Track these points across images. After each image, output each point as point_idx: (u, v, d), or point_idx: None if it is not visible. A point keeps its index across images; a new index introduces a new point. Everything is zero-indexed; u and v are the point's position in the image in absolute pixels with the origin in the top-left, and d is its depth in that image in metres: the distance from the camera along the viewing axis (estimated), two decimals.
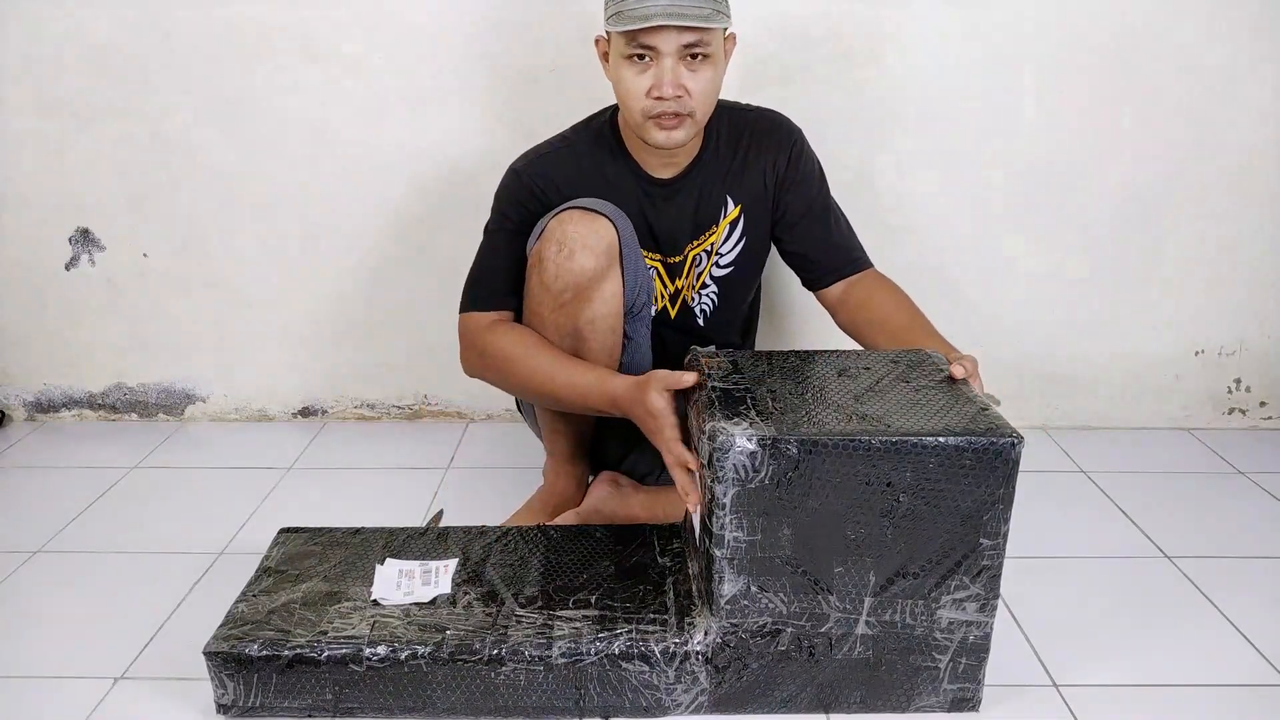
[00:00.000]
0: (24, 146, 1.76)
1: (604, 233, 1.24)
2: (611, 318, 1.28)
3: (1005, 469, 0.97)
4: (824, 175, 1.43)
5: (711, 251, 1.41)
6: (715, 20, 1.20)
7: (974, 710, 1.09)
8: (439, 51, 1.69)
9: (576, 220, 1.23)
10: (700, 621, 1.06)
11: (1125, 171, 1.74)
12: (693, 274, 1.42)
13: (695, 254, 1.40)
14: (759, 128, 1.40)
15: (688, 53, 1.21)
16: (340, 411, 1.95)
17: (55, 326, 1.89)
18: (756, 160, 1.38)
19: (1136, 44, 1.66)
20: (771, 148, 1.38)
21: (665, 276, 1.42)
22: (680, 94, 1.23)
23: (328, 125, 1.74)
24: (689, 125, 1.27)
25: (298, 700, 1.06)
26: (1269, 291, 1.81)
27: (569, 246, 1.22)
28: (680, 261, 1.41)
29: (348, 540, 1.26)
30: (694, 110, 1.25)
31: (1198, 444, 1.83)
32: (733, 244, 1.41)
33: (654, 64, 1.22)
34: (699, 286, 1.43)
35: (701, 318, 1.45)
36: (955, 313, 1.82)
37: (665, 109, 1.23)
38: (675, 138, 1.27)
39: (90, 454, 1.80)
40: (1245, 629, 1.25)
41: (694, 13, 1.18)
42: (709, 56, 1.23)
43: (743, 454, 0.96)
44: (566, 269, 1.22)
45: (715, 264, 1.42)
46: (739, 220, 1.40)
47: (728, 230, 1.40)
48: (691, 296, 1.43)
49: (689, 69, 1.23)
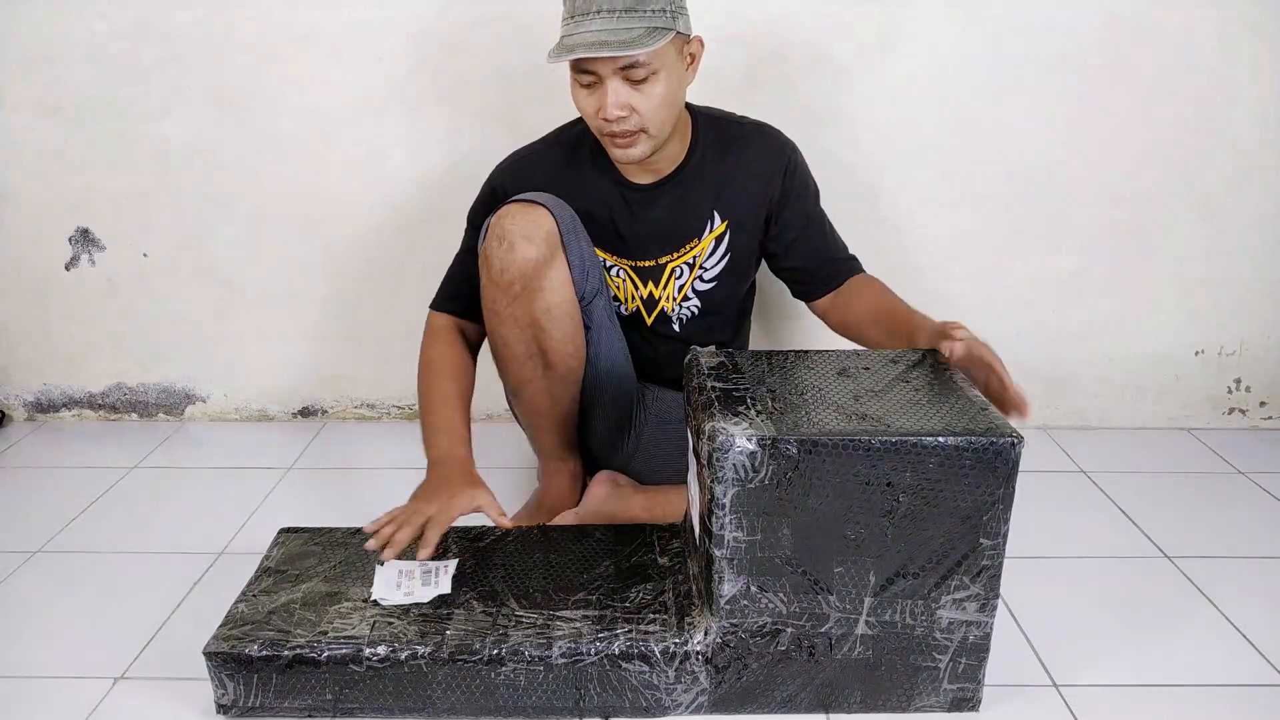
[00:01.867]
0: (24, 146, 1.76)
1: (541, 221, 1.26)
2: (566, 304, 1.30)
3: (1005, 469, 0.97)
4: (817, 189, 1.42)
5: (694, 265, 1.40)
6: (648, 42, 1.17)
7: (974, 710, 1.09)
8: (439, 52, 1.69)
9: (514, 213, 1.26)
10: (700, 621, 1.06)
11: (1125, 171, 1.74)
12: (672, 285, 1.41)
13: (675, 265, 1.39)
14: (751, 142, 1.37)
15: (628, 75, 1.20)
16: (340, 411, 1.95)
17: (55, 326, 1.89)
18: (746, 177, 1.36)
19: (1136, 45, 1.66)
20: (764, 166, 1.36)
21: (635, 279, 1.41)
22: (625, 114, 1.22)
23: (328, 125, 1.74)
24: (644, 140, 1.26)
25: (298, 700, 1.06)
26: (1269, 291, 1.82)
27: (508, 239, 1.24)
28: (654, 268, 1.40)
29: (348, 540, 1.26)
30: (646, 126, 1.24)
31: (1198, 444, 1.83)
32: (717, 259, 1.40)
33: (599, 85, 1.22)
34: (680, 299, 1.42)
35: (679, 324, 1.45)
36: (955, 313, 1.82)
37: (613, 129, 1.24)
38: (631, 154, 1.27)
39: (90, 454, 1.80)
40: (1245, 629, 1.25)
41: (621, 40, 1.16)
42: (655, 72, 1.21)
43: (743, 454, 0.96)
44: (510, 260, 1.24)
45: (699, 278, 1.40)
46: (725, 236, 1.38)
47: (713, 245, 1.39)
48: (671, 307, 1.43)
49: (634, 88, 1.21)
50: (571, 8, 1.19)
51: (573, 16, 1.19)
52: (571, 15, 1.19)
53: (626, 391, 1.44)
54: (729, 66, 1.67)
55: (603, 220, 1.37)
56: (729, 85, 1.66)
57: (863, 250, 1.46)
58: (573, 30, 1.18)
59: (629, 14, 1.17)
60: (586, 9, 1.17)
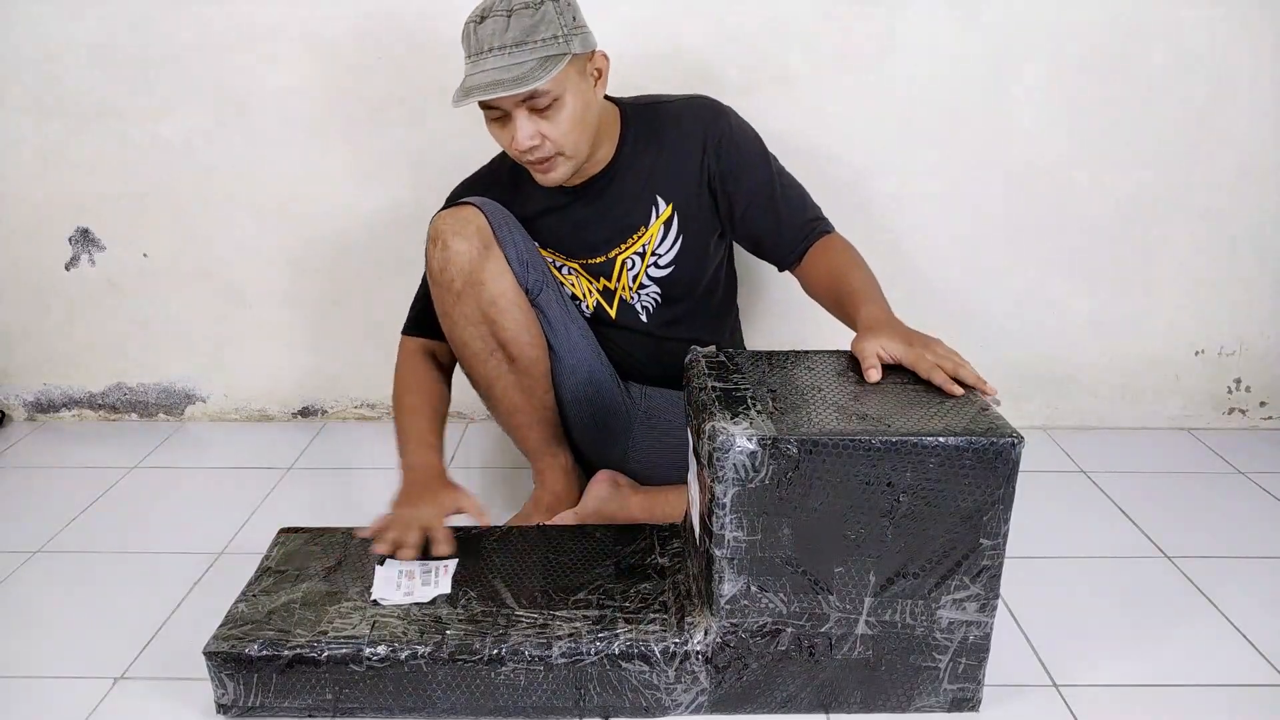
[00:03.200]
0: (24, 146, 1.76)
1: (470, 217, 1.31)
2: (510, 293, 1.32)
3: (1005, 469, 0.97)
4: (764, 150, 1.37)
5: (645, 254, 1.39)
6: (540, 75, 1.18)
7: (974, 710, 1.09)
8: (439, 52, 1.69)
9: (444, 215, 1.32)
10: (700, 621, 1.06)
11: (1125, 171, 1.74)
12: (625, 275, 1.41)
13: (625, 258, 1.40)
14: (680, 120, 1.36)
15: (532, 105, 1.21)
16: (340, 411, 1.95)
17: (55, 326, 1.89)
18: (682, 155, 1.35)
19: (1136, 44, 1.66)
20: (693, 141, 1.35)
21: (588, 276, 1.42)
22: (537, 142, 1.23)
23: (328, 125, 1.74)
24: (562, 162, 1.28)
25: (298, 700, 1.06)
26: (1269, 291, 1.82)
27: (441, 238, 1.29)
28: (604, 263, 1.41)
29: (348, 540, 1.26)
30: (561, 149, 1.25)
31: (1198, 444, 1.83)
32: (669, 244, 1.39)
33: (507, 119, 1.24)
34: (636, 287, 1.42)
35: (645, 314, 1.44)
36: (955, 313, 1.83)
37: (529, 158, 1.26)
38: (553, 178, 1.29)
39: (90, 454, 1.80)
40: (1245, 629, 1.25)
41: (514, 76, 1.18)
42: (558, 98, 1.21)
43: (743, 454, 0.96)
44: (445, 258, 1.29)
45: (654, 264, 1.40)
46: (672, 219, 1.38)
47: (662, 231, 1.38)
48: (630, 296, 1.43)
49: (540, 116, 1.23)
50: (468, 48, 1.22)
51: (469, 58, 1.22)
52: (469, 56, 1.22)
53: (602, 385, 1.44)
54: (729, 66, 1.67)
55: (546, 224, 1.40)
56: (729, 85, 1.66)
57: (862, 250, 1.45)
58: (471, 71, 1.21)
59: (519, 48, 1.18)
60: (480, 48, 1.20)
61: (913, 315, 1.81)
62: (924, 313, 1.82)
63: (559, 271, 1.43)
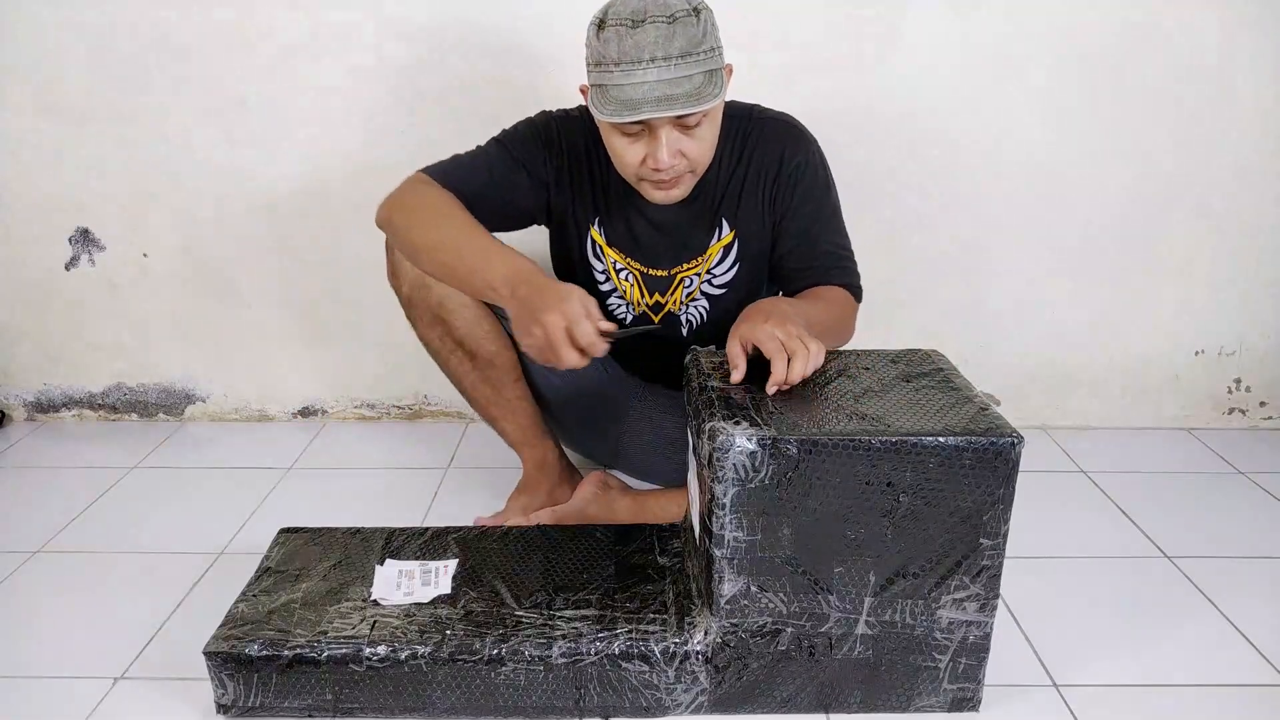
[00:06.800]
0: (24, 146, 1.76)
1: None
2: (457, 293, 1.29)
3: (1005, 469, 0.97)
4: (826, 193, 1.31)
5: (702, 274, 1.35)
6: (712, 92, 1.10)
7: (974, 710, 1.09)
8: (440, 53, 1.69)
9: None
10: (700, 621, 1.06)
11: (1125, 171, 1.74)
12: (680, 292, 1.36)
13: (685, 276, 1.35)
14: (768, 139, 1.29)
15: (683, 122, 1.13)
16: (340, 411, 1.95)
17: (55, 326, 1.89)
18: (756, 177, 1.29)
19: (1136, 45, 1.66)
20: (773, 163, 1.28)
21: (643, 286, 1.36)
22: (676, 161, 1.16)
23: (328, 124, 1.74)
24: (689, 181, 1.21)
25: (298, 700, 1.06)
26: (1269, 291, 1.82)
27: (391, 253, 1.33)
28: (664, 278, 1.36)
29: (348, 540, 1.26)
30: (694, 168, 1.19)
31: (1198, 444, 1.83)
32: (726, 267, 1.34)
33: (646, 134, 1.14)
34: (687, 300, 1.37)
35: (687, 328, 1.39)
36: (956, 313, 1.83)
37: (662, 176, 1.18)
38: (674, 195, 1.22)
39: (90, 454, 1.80)
40: (1245, 629, 1.25)
41: (685, 93, 1.09)
42: (707, 114, 1.14)
43: (743, 454, 0.96)
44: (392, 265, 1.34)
45: (709, 282, 1.35)
46: (733, 245, 1.32)
47: (720, 254, 1.33)
48: (679, 308, 1.38)
49: (686, 133, 1.15)
50: (616, 53, 1.09)
51: (618, 64, 1.09)
52: (616, 63, 1.09)
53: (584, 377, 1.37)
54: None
55: (620, 217, 1.33)
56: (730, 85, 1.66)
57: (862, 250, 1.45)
58: (623, 80, 1.09)
59: (685, 60, 1.08)
60: (638, 56, 1.08)
61: (913, 315, 1.83)
62: (924, 313, 1.83)
63: (618, 275, 1.35)
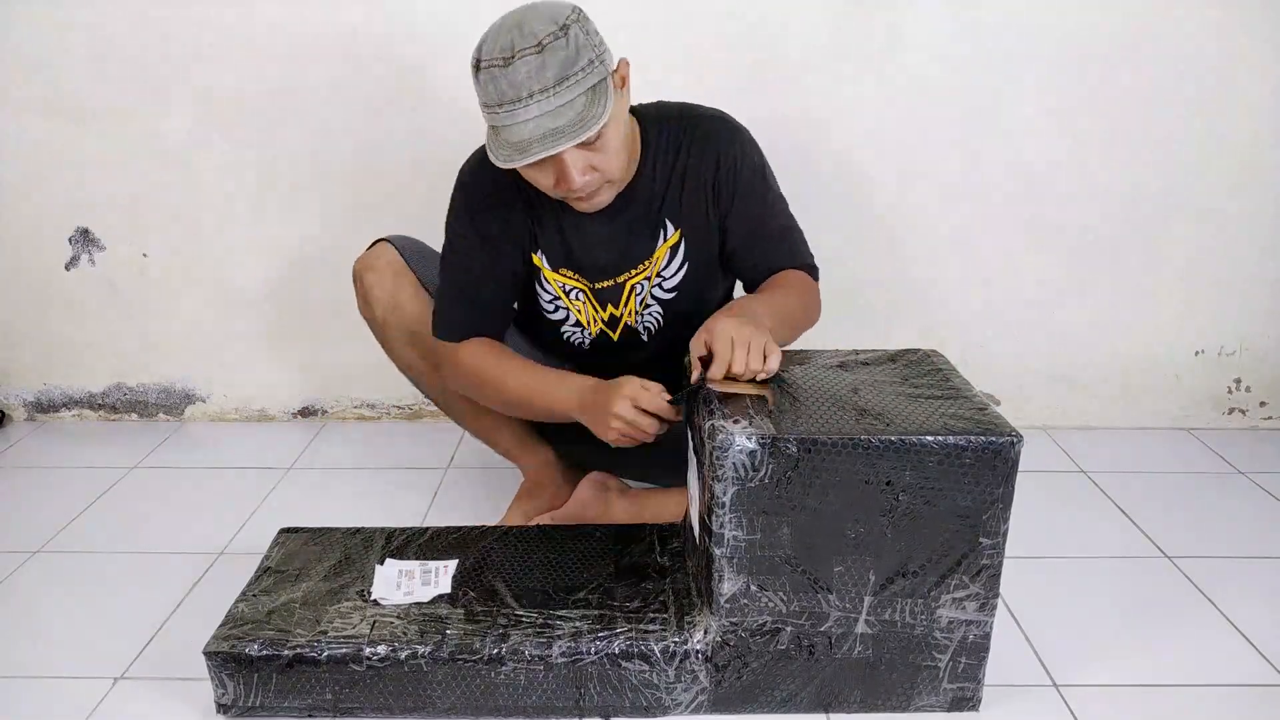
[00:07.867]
0: (24, 146, 1.76)
1: (380, 252, 1.38)
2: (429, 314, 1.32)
3: (1005, 469, 0.97)
4: (765, 182, 1.29)
5: (651, 277, 1.30)
6: (599, 112, 1.05)
7: (974, 710, 1.09)
8: (438, 51, 1.69)
9: (360, 258, 1.40)
10: (700, 620, 1.06)
11: (1125, 171, 1.74)
12: (633, 300, 1.32)
13: (634, 283, 1.30)
14: (697, 141, 1.25)
15: (581, 143, 1.08)
16: (340, 411, 1.95)
17: (55, 326, 1.89)
18: (695, 176, 1.25)
19: (1136, 44, 1.66)
20: (710, 160, 1.25)
21: (594, 302, 1.32)
22: (589, 178, 1.12)
23: (328, 124, 1.74)
24: (609, 187, 1.17)
25: (298, 700, 1.06)
26: (1269, 291, 1.81)
27: (358, 278, 1.38)
28: (612, 288, 1.31)
29: (348, 540, 1.26)
30: (609, 178, 1.15)
31: (1198, 444, 1.83)
32: (675, 268, 1.29)
33: (551, 160, 1.09)
34: (641, 309, 1.32)
35: (646, 335, 1.35)
36: (956, 313, 1.83)
37: (579, 194, 1.15)
38: (599, 202, 1.19)
39: (90, 454, 1.80)
40: (1245, 629, 1.25)
41: (570, 123, 1.05)
42: (605, 124, 1.08)
43: (742, 453, 0.96)
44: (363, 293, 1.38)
45: (659, 285, 1.30)
46: (679, 245, 1.28)
47: (668, 255, 1.28)
48: (634, 319, 1.33)
49: (589, 150, 1.10)
50: (495, 95, 1.05)
51: (500, 106, 1.05)
52: (499, 104, 1.05)
53: None
54: (730, 66, 1.67)
55: (556, 238, 1.28)
56: (730, 85, 1.66)
57: (862, 249, 1.45)
58: (508, 121, 1.06)
59: (563, 85, 1.04)
60: (516, 96, 1.04)
61: (913, 315, 1.83)
62: (924, 313, 1.83)
63: (567, 296, 1.32)
